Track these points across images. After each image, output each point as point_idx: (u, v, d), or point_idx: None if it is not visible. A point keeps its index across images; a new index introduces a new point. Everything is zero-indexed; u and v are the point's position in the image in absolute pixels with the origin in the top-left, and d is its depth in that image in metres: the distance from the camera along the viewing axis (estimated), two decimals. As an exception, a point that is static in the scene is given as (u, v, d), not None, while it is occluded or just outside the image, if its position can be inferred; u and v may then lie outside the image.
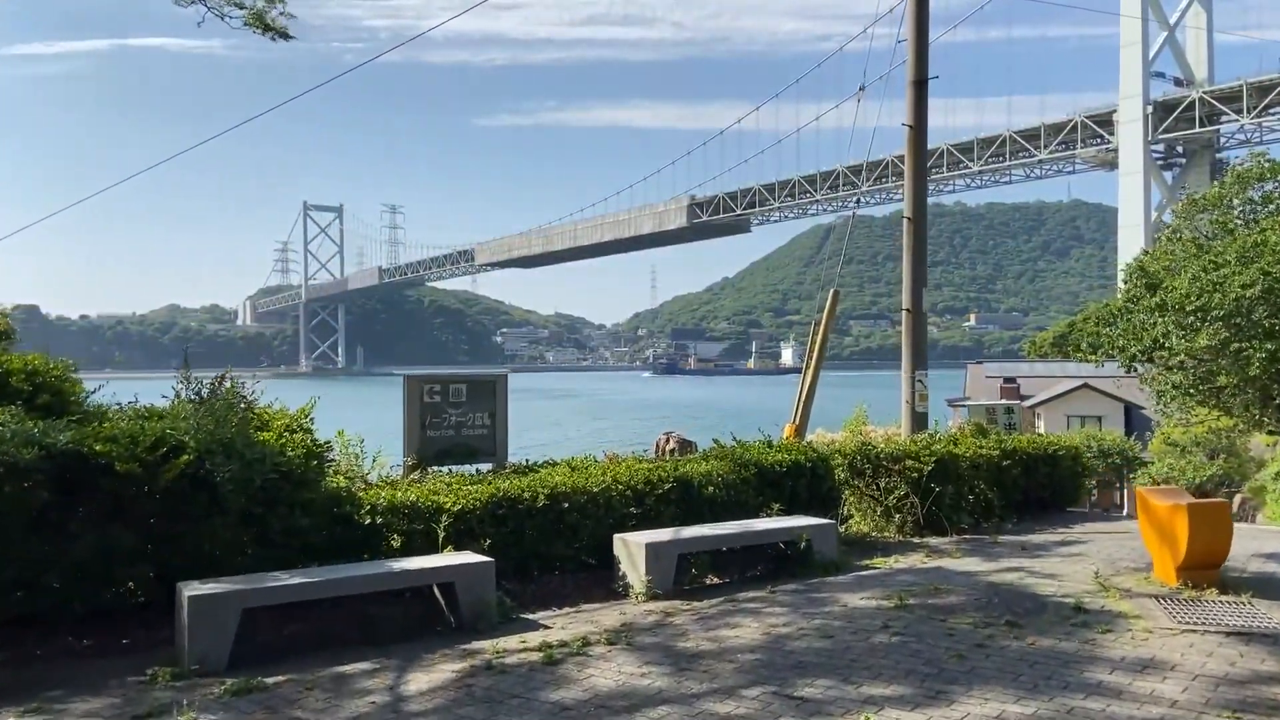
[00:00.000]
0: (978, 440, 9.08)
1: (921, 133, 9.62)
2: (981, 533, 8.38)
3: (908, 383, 9.92)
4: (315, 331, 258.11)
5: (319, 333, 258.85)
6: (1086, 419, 41.59)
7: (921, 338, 10.03)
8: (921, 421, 9.91)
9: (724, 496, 7.28)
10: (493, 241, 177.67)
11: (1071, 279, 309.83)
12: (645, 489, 6.94)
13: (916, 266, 9.85)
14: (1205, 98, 70.83)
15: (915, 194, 9.70)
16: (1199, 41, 75.83)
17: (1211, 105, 70.57)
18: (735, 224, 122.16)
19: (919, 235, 9.78)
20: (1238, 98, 69.07)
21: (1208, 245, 20.29)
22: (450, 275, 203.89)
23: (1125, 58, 75.19)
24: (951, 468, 8.48)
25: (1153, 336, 19.23)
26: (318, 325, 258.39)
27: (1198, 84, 73.20)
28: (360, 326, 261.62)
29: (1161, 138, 74.55)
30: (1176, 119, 72.97)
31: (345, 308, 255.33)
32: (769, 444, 8.06)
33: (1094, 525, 8.93)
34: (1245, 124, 69.80)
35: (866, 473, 8.53)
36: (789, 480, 7.72)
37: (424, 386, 7.40)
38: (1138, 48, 73.77)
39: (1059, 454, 9.47)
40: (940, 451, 8.48)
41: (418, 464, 7.25)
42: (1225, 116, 70.95)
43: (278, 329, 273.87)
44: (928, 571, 6.74)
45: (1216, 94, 70.75)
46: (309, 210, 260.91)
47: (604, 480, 6.84)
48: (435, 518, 5.96)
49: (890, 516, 8.43)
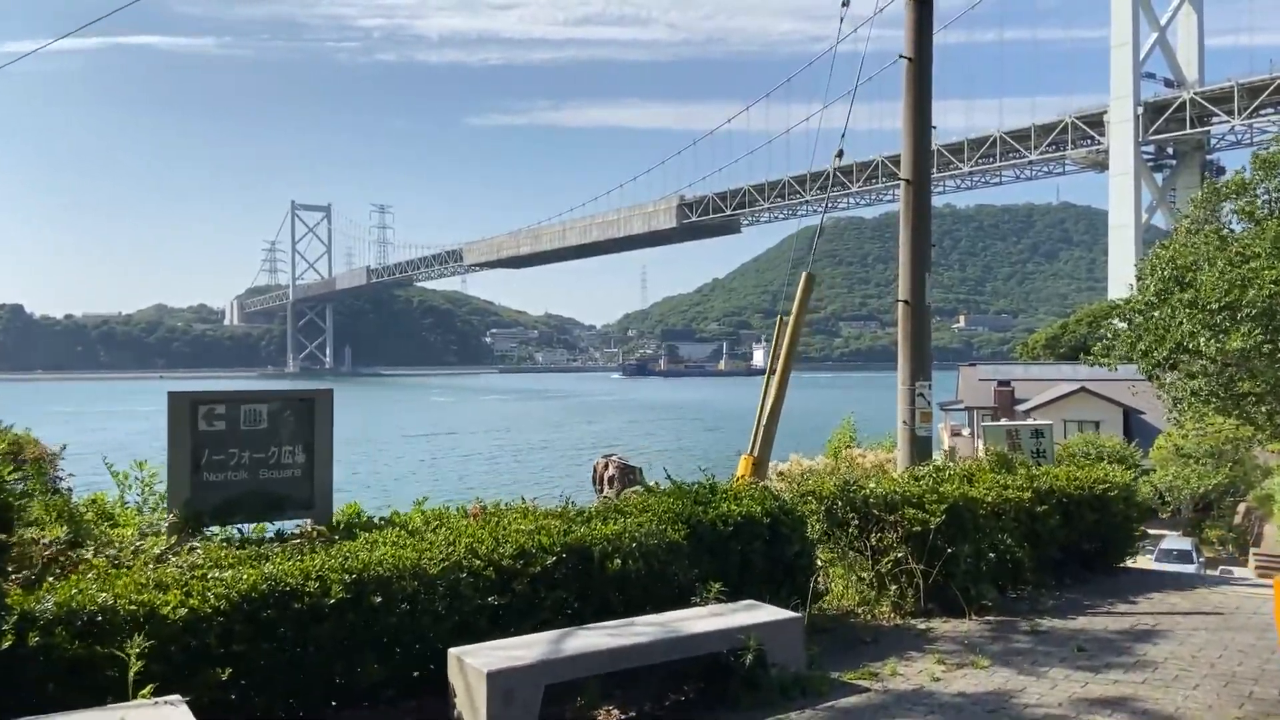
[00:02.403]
0: (1000, 477, 6.74)
1: (924, 68, 7.23)
2: (1011, 610, 6.03)
3: (905, 397, 7.50)
4: (303, 332, 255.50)
5: (307, 333, 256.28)
6: (1084, 424, 39.72)
7: (924, 337, 7.51)
8: (924, 449, 7.49)
9: (642, 572, 4.90)
10: (482, 241, 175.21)
11: (1061, 281, 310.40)
12: (516, 566, 4.56)
13: (917, 245, 7.42)
14: (1196, 98, 70.13)
15: (915, 152, 7.30)
16: (1190, 43, 75.15)
17: (1202, 106, 69.90)
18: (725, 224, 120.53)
19: (920, 205, 7.38)
20: (1228, 99, 68.29)
21: (1234, 236, 18.65)
22: (439, 275, 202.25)
23: (1116, 58, 74.40)
24: (968, 517, 6.12)
25: (1176, 339, 17.43)
26: (306, 325, 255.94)
27: (1188, 85, 72.51)
28: (348, 327, 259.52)
29: (1152, 139, 73.80)
30: (1167, 120, 72.21)
31: (333, 308, 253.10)
32: (710, 488, 5.64)
33: (1161, 596, 6.54)
34: (1236, 125, 69.08)
35: (851, 524, 6.17)
36: (738, 543, 5.34)
37: (199, 408, 4.98)
38: (1128, 48, 73.05)
39: (1109, 494, 7.05)
40: (952, 495, 6.13)
41: (186, 523, 4.84)
42: (1216, 118, 70.24)
43: (265, 329, 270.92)
44: (948, 708, 4.35)
45: (1207, 95, 70.12)
46: (297, 210, 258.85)
47: (450, 554, 4.46)
48: (130, 636, 3.54)
49: (884, 586, 6.07)
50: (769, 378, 7.22)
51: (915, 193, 7.27)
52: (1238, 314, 16.09)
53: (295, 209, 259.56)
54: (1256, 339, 15.91)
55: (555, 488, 39.81)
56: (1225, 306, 16.11)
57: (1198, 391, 18.83)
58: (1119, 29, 73.93)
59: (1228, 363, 17.56)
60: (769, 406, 7.11)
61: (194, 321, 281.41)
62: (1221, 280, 15.91)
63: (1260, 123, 68.44)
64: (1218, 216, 19.07)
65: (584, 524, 4.97)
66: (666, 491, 5.62)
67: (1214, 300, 16.07)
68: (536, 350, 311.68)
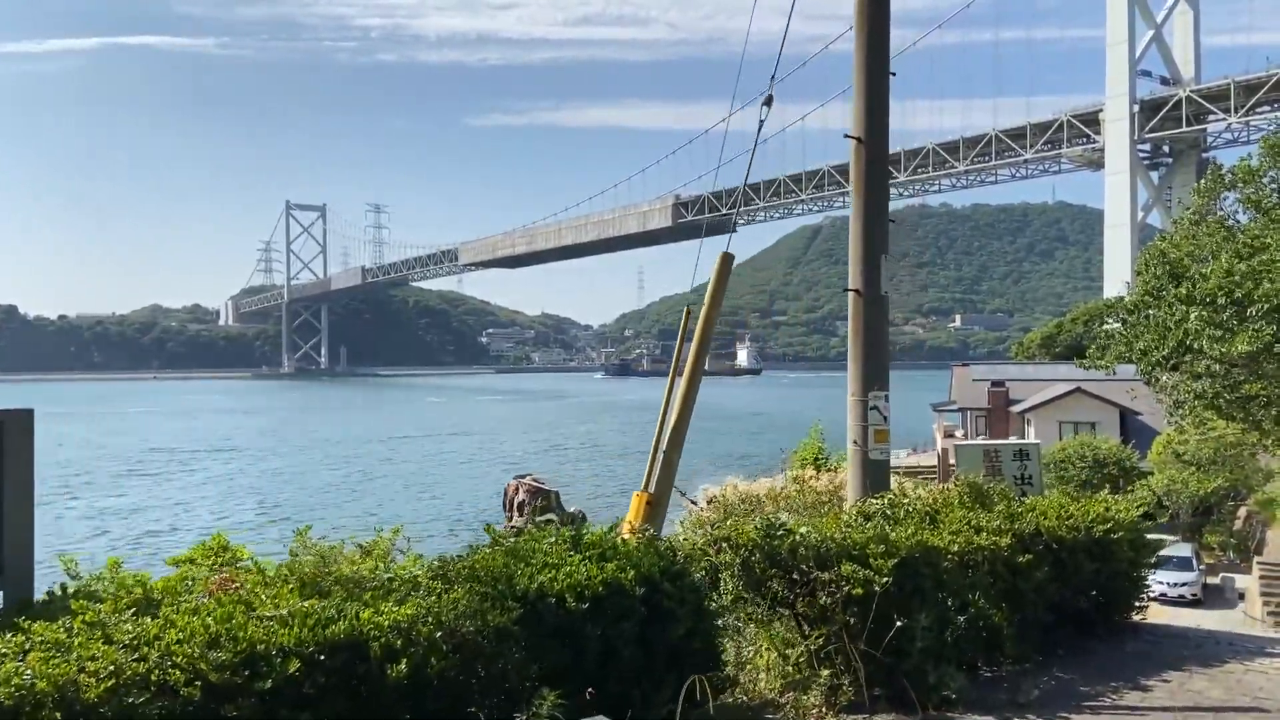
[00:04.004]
0: (973, 515, 5.22)
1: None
2: (984, 703, 4.51)
3: (856, 411, 5.94)
4: (298, 332, 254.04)
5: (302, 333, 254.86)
6: (1080, 425, 38.32)
7: (879, 335, 6.00)
8: (880, 475, 5.94)
9: (449, 674, 3.39)
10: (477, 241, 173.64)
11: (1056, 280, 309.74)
12: (236, 679, 3.05)
13: (872, 221, 5.88)
14: (1192, 96, 69.39)
15: (870, 99, 5.73)
16: (1186, 40, 74.38)
17: (1198, 104, 69.13)
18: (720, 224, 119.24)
19: (875, 170, 5.84)
20: (1225, 97, 67.47)
21: (1241, 227, 17.43)
22: (434, 275, 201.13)
23: (1112, 56, 73.50)
24: (927, 574, 4.62)
25: (1178, 338, 16.13)
26: (301, 325, 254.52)
27: (1184, 83, 71.71)
28: (344, 327, 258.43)
29: (1148, 137, 72.99)
30: (1163, 118, 71.43)
31: (328, 308, 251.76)
32: (575, 540, 4.11)
33: (1182, 679, 4.99)
34: (1233, 123, 68.23)
35: (774, 585, 4.67)
36: (599, 625, 3.81)
37: None
38: (1124, 46, 72.22)
39: (1112, 537, 5.48)
40: (905, 545, 4.62)
41: None
42: (1212, 116, 69.43)
43: (260, 329, 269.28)
44: None
45: (1203, 93, 69.43)
46: (292, 210, 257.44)
47: (132, 664, 2.96)
48: None
49: (815, 668, 4.56)
50: (670, 388, 5.37)
51: (870, 153, 5.73)
52: (1246, 311, 14.88)
53: (290, 209, 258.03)
54: (1266, 339, 14.66)
55: (469, 508, 38.52)
56: (1233, 302, 14.88)
57: (1201, 394, 17.68)
58: (1115, 26, 73.19)
59: (1233, 364, 16.38)
60: (672, 424, 5.26)
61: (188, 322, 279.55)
62: (1230, 274, 14.63)
63: (1257, 120, 67.79)
64: (1222, 207, 17.88)
65: (358, 606, 3.44)
66: (498, 548, 4.09)
67: (1221, 295, 14.84)
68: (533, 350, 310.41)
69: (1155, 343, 15.83)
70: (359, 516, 34.56)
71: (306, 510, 38.76)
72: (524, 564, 3.87)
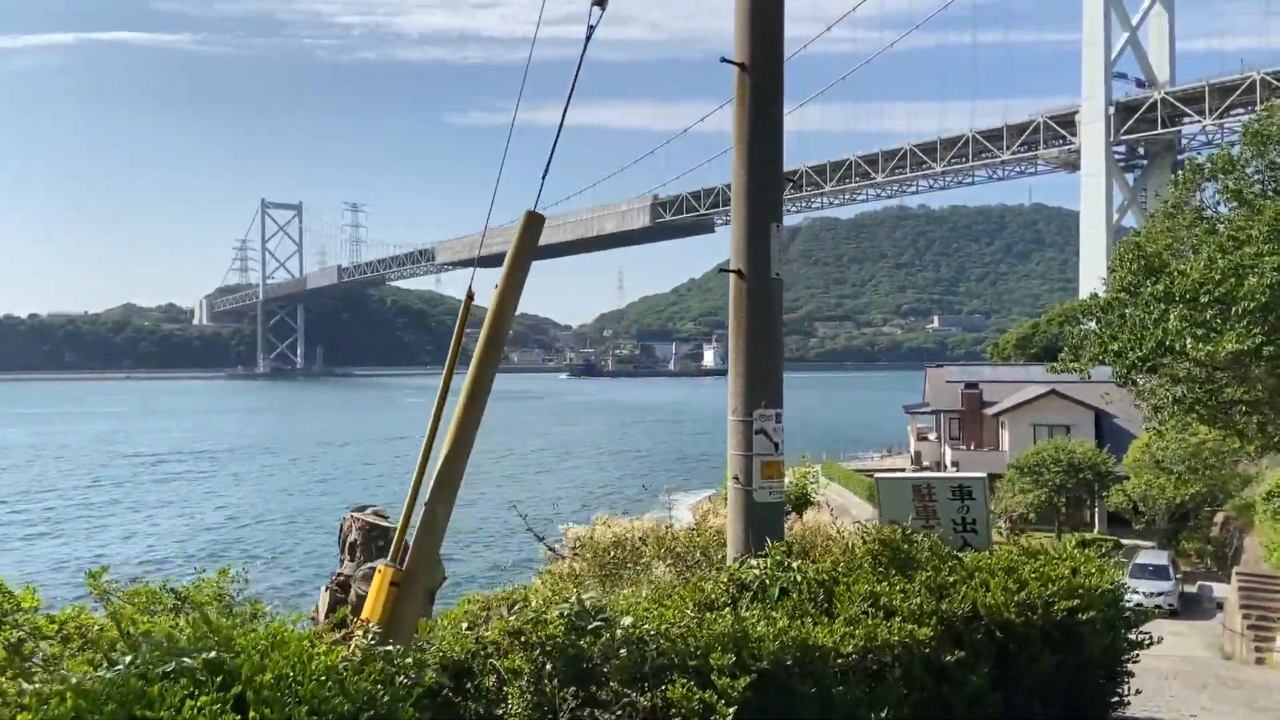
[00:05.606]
0: (884, 588, 3.59)
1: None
2: None
3: (738, 434, 4.28)
4: (274, 331, 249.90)
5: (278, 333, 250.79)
6: (1054, 428, 37.38)
7: (769, 334, 4.43)
8: (771, 522, 4.25)
9: None
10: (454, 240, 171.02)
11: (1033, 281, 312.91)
12: None
13: (757, 178, 4.26)
14: (1167, 98, 69.67)
15: (753, 7, 4.09)
16: (1161, 43, 74.74)
17: (1173, 106, 69.36)
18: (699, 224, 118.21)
19: (764, 110, 4.21)
20: (1200, 99, 67.67)
21: (1222, 218, 16.41)
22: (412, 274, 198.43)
23: (1088, 57, 73.52)
24: (805, 693, 3.00)
25: (1157, 338, 14.98)
26: (276, 325, 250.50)
27: (1160, 85, 71.96)
28: (320, 326, 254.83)
29: (1123, 139, 73.18)
30: (1138, 120, 71.61)
31: (305, 307, 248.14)
32: (209, 671, 2.36)
33: None
34: (1207, 125, 68.44)
35: (571, 709, 3.03)
36: None
37: None
38: (1100, 47, 72.31)
39: (1080, 617, 3.73)
40: (773, 647, 2.99)
41: None
42: (1187, 118, 69.69)
43: (235, 329, 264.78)
44: None
45: (1179, 95, 69.72)
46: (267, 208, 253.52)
47: None
48: None
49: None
50: (441, 405, 3.33)
51: (756, 85, 4.11)
52: (1231, 309, 13.71)
53: (266, 207, 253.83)
54: (1254, 340, 13.49)
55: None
56: (1217, 300, 13.68)
57: (1180, 399, 16.58)
58: (1090, 28, 73.32)
59: (1217, 367, 15.23)
60: (442, 458, 3.15)
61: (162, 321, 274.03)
62: (1212, 269, 13.44)
63: (1231, 123, 68.07)
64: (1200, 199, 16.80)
65: None
66: (92, 681, 2.36)
67: (1203, 293, 13.66)
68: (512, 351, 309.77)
69: (1132, 343, 14.71)
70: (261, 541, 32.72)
71: (222, 532, 36.88)
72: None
